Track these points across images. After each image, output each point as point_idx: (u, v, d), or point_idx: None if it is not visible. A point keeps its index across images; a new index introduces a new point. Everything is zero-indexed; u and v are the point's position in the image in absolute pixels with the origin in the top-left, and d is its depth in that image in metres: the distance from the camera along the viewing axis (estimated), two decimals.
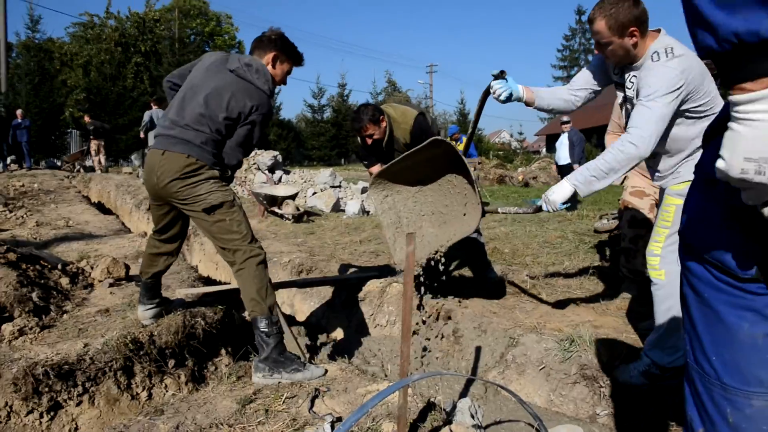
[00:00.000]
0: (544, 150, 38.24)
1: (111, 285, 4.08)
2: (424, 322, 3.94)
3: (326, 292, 5.11)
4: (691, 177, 1.27)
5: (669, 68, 2.43)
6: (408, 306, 2.26)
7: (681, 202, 2.57)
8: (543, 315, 3.74)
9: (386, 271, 5.13)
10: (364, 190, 12.50)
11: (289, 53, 3.07)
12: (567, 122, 10.67)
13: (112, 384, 2.77)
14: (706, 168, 1.13)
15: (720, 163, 0.95)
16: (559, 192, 2.66)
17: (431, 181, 3.23)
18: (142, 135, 13.31)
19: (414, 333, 3.71)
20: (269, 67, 2.99)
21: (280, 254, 5.99)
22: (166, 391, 2.99)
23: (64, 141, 22.89)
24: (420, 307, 3.94)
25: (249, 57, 3.00)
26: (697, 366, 1.21)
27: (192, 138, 2.77)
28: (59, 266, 4.18)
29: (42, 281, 3.79)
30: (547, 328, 3.42)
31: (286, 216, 8.73)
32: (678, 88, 2.41)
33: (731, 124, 0.94)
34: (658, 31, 2.62)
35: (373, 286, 4.74)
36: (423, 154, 3.07)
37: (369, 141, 4.00)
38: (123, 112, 23.07)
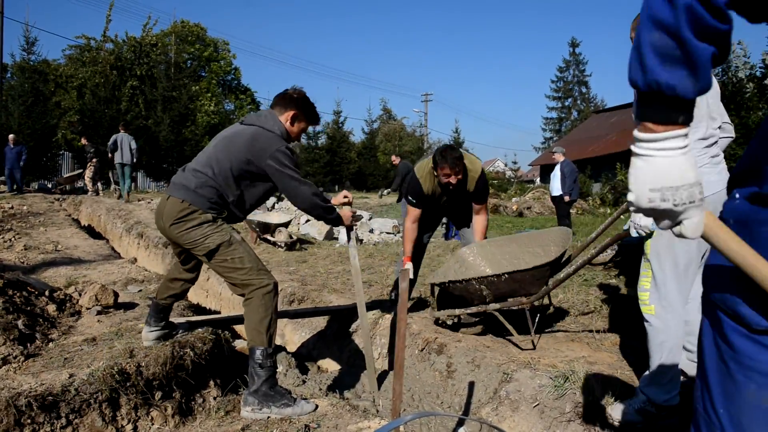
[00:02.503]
0: (538, 180, 38.47)
1: (99, 313, 4.01)
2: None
3: (318, 323, 5.06)
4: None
5: None
6: (401, 342, 2.22)
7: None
8: (537, 350, 3.69)
9: (379, 302, 5.09)
10: (358, 218, 12.46)
11: (308, 114, 3.22)
12: (559, 153, 10.75)
13: (96, 416, 2.70)
14: (725, 215, 1.16)
15: (630, 196, 1.08)
16: None
17: None
18: (109, 156, 13.88)
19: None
20: (287, 123, 3.12)
21: None
22: (152, 425, 2.92)
23: (56, 163, 22.80)
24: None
25: (261, 110, 3.18)
26: (705, 414, 1.20)
27: (189, 183, 2.90)
28: (46, 293, 4.11)
29: (28, 308, 3.72)
30: (541, 364, 3.38)
31: (279, 244, 8.69)
32: None
33: (634, 160, 1.07)
34: None
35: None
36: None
37: (453, 183, 4.03)
38: (118, 131, 23.03)
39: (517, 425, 3.02)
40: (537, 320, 3.79)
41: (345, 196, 3.65)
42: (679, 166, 1.03)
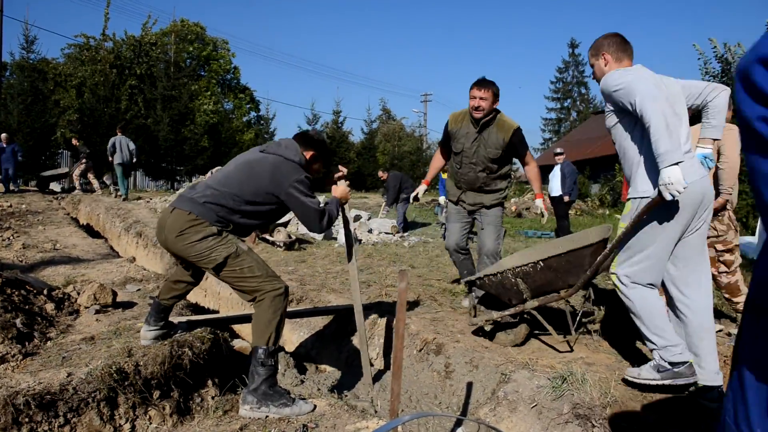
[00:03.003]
0: None
1: (97, 312, 4.01)
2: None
3: (316, 323, 5.05)
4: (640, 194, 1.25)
5: None
6: (400, 343, 2.23)
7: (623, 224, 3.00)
8: (535, 351, 3.70)
9: (377, 302, 5.09)
10: (356, 218, 12.47)
11: (326, 158, 3.39)
12: (560, 154, 10.74)
13: (94, 415, 2.70)
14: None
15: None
16: (674, 174, 2.58)
17: None
18: (110, 159, 14.23)
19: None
20: (305, 159, 3.21)
21: None
22: (150, 424, 2.92)
23: (55, 161, 22.78)
24: None
25: (282, 140, 3.25)
26: (733, 424, 1.13)
27: (198, 197, 2.94)
28: (45, 291, 4.10)
29: (27, 307, 3.72)
30: (539, 365, 3.38)
31: (278, 243, 8.68)
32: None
33: None
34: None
35: (363, 317, 4.69)
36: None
37: (476, 106, 4.27)
38: (116, 134, 23.03)
39: (515, 426, 3.02)
40: (578, 320, 3.72)
41: (341, 172, 3.66)
42: None
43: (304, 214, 3.07)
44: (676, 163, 2.58)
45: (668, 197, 2.61)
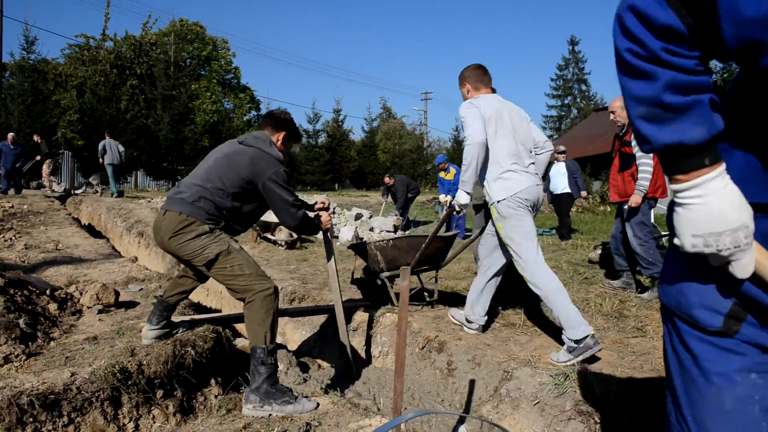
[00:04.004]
0: None
1: (100, 311, 4.02)
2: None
3: (318, 321, 5.06)
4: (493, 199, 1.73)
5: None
6: (402, 341, 2.23)
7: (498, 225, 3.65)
8: (537, 348, 3.70)
9: (379, 300, 5.09)
10: (358, 217, 12.48)
11: (295, 134, 3.49)
12: (563, 152, 10.73)
13: (98, 415, 2.71)
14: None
15: (676, 241, 1.12)
16: (460, 196, 3.62)
17: None
18: (101, 160, 15.06)
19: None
20: (279, 143, 3.34)
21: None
22: (154, 423, 2.92)
23: (56, 162, 22.80)
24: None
25: (257, 132, 3.34)
26: (677, 423, 1.25)
27: (186, 196, 3.00)
28: (47, 291, 4.11)
29: (30, 307, 3.73)
30: (541, 362, 3.39)
31: (279, 242, 8.69)
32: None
33: (676, 209, 1.12)
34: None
35: (365, 315, 4.70)
36: None
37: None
38: (116, 134, 23.00)
39: (518, 423, 3.02)
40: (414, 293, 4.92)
41: (322, 203, 3.83)
42: (719, 209, 1.05)
43: (280, 206, 3.13)
44: (466, 190, 3.59)
45: (457, 208, 3.65)
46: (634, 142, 5.06)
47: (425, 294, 5.03)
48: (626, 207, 5.08)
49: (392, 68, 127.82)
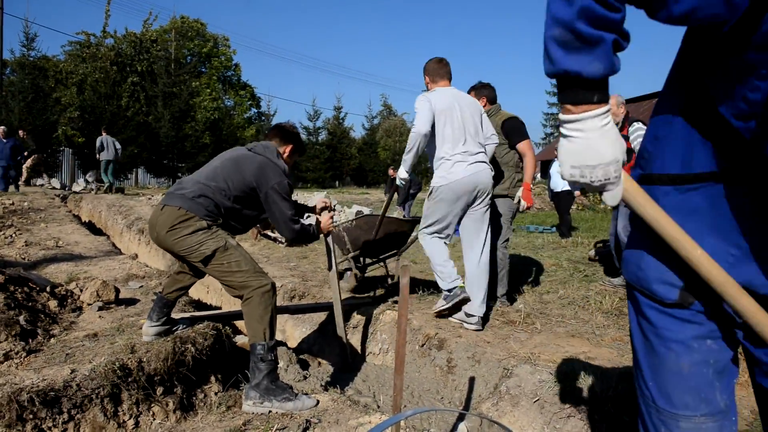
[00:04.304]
0: (539, 176, 38.39)
1: (100, 309, 4.02)
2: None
3: (318, 319, 5.07)
4: (433, 183, 2.85)
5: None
6: (403, 338, 2.23)
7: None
8: (537, 345, 3.70)
9: (379, 297, 5.09)
10: (358, 214, 12.48)
11: (301, 148, 3.54)
12: None
13: (98, 411, 2.71)
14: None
15: (556, 167, 1.19)
16: (401, 173, 4.19)
17: None
18: (98, 156, 15.56)
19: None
20: (286, 156, 3.41)
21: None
22: (154, 419, 2.93)
23: (57, 159, 22.81)
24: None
25: (266, 142, 3.39)
26: (639, 390, 1.37)
27: (187, 192, 3.01)
28: (48, 288, 4.11)
29: (30, 304, 3.73)
30: (541, 359, 3.39)
31: (280, 239, 8.69)
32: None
33: (561, 140, 1.20)
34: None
35: (366, 312, 4.70)
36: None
37: None
38: (117, 131, 23.01)
39: (518, 420, 3.02)
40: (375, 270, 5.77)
41: (324, 203, 3.86)
42: (596, 145, 1.14)
43: (279, 217, 3.17)
44: (406, 169, 4.14)
45: (398, 182, 4.26)
46: (631, 137, 5.05)
47: (388, 280, 5.50)
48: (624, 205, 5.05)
49: (393, 65, 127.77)
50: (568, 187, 10.45)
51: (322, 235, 3.76)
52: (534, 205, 19.12)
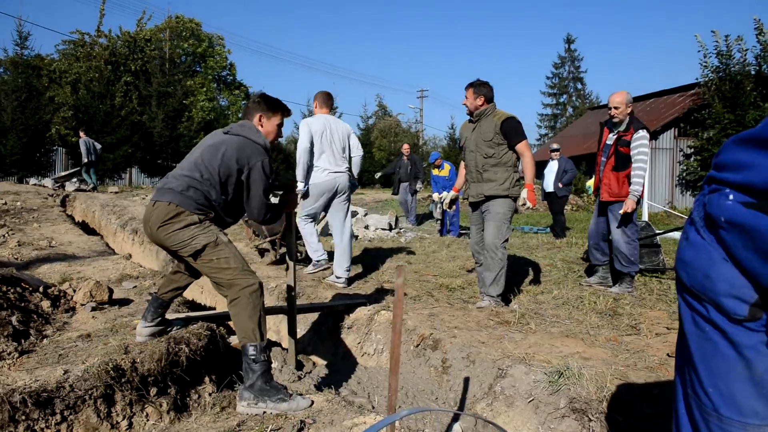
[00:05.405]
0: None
1: (93, 309, 4.00)
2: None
3: (313, 319, 5.06)
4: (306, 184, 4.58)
5: None
6: (397, 338, 2.22)
7: None
8: (532, 346, 3.71)
9: (374, 298, 5.09)
10: (353, 214, 12.45)
11: (273, 107, 3.33)
12: (556, 150, 10.74)
13: (91, 412, 2.69)
14: (709, 209, 1.24)
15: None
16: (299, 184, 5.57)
17: None
18: (85, 159, 16.17)
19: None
20: (260, 127, 3.27)
21: (266, 279, 5.93)
22: (147, 420, 2.91)
23: (50, 159, 22.69)
24: None
25: (242, 121, 3.30)
26: (695, 395, 1.29)
27: (175, 186, 3.00)
28: (41, 289, 4.09)
29: (22, 304, 3.71)
30: (535, 360, 3.39)
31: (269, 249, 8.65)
32: None
33: None
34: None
35: (360, 313, 4.70)
36: None
37: (464, 102, 4.91)
38: (111, 130, 22.95)
39: (512, 420, 3.03)
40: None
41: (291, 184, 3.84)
42: None
43: (254, 199, 3.12)
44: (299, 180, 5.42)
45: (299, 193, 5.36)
46: (634, 144, 5.05)
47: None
48: (621, 212, 5.07)
49: (388, 66, 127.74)
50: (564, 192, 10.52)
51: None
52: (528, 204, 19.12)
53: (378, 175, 15.52)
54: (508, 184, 4.69)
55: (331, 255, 6.17)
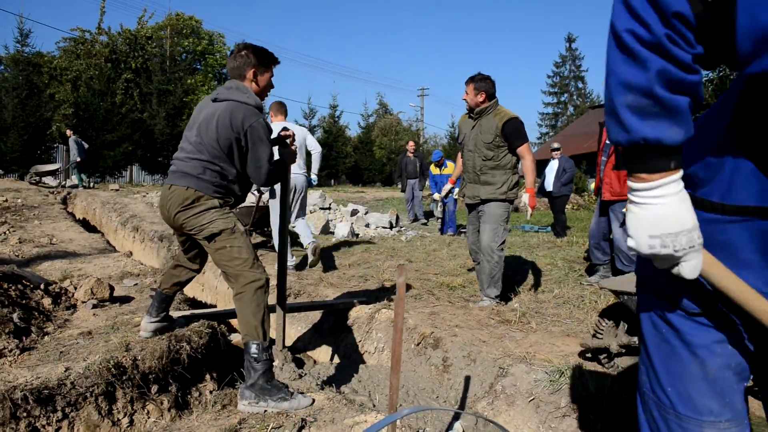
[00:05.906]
0: None
1: (94, 306, 4.00)
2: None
3: (314, 317, 5.06)
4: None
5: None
6: (399, 337, 2.23)
7: None
8: (533, 344, 3.71)
9: (375, 296, 5.09)
10: (354, 213, 12.46)
11: (266, 61, 3.18)
12: (557, 149, 10.73)
13: (92, 410, 2.69)
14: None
15: (630, 242, 1.13)
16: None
17: None
18: (78, 159, 16.32)
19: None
20: (252, 84, 3.13)
21: None
22: (148, 418, 2.91)
23: (51, 156, 22.68)
24: None
25: (228, 82, 3.14)
26: (653, 395, 1.31)
27: (190, 170, 2.94)
28: (42, 286, 4.09)
29: (24, 301, 3.71)
30: (536, 359, 3.39)
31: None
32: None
33: (632, 207, 1.12)
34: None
35: (361, 311, 4.70)
36: None
37: (465, 99, 4.74)
38: (111, 128, 22.93)
39: (513, 419, 3.03)
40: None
41: (285, 132, 3.57)
42: (676, 212, 1.07)
43: (254, 164, 3.01)
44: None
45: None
46: None
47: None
48: (624, 210, 5.07)
49: (389, 64, 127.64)
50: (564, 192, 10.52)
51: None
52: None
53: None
54: (506, 187, 4.60)
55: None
